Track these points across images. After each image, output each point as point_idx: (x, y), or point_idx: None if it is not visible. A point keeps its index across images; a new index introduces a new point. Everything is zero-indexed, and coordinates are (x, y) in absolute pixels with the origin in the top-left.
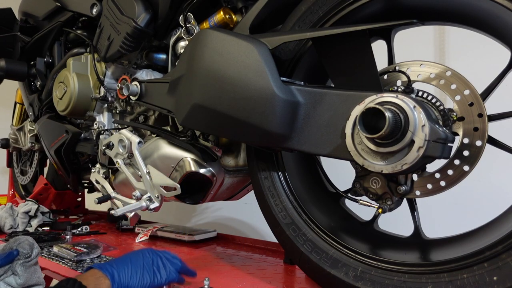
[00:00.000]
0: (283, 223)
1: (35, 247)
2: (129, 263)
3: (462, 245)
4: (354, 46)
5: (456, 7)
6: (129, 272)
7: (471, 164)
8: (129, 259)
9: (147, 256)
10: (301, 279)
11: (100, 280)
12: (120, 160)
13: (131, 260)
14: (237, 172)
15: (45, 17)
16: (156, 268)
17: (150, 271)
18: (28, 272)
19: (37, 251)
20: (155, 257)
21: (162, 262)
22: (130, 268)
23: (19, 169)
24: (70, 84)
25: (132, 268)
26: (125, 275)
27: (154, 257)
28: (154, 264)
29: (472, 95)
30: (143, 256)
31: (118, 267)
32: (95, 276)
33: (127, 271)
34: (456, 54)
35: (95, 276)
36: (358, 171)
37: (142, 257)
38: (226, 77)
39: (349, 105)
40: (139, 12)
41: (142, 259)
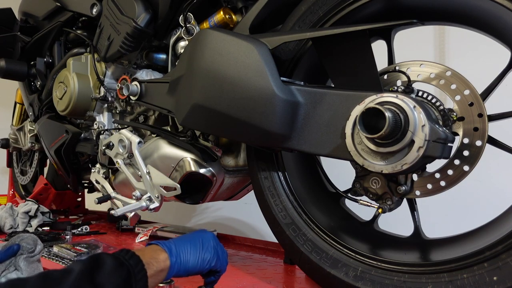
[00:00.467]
0: (283, 223)
1: (39, 244)
2: (188, 241)
3: (462, 245)
4: (354, 46)
5: (456, 7)
6: (187, 248)
7: (471, 164)
8: (189, 238)
9: (207, 237)
10: (301, 279)
11: (157, 252)
12: (120, 160)
13: (191, 239)
14: (237, 172)
15: (45, 17)
16: (215, 251)
17: (210, 252)
18: (31, 267)
19: (40, 247)
20: (215, 241)
21: (221, 249)
22: (189, 245)
23: (19, 169)
24: (70, 84)
25: (191, 246)
26: (184, 250)
27: (214, 241)
28: (213, 246)
29: (472, 95)
30: (203, 237)
31: (177, 243)
32: (152, 249)
33: (186, 247)
34: (456, 54)
35: (152, 249)
36: (358, 171)
37: (201, 237)
38: (226, 77)
39: (349, 105)
40: (139, 12)
41: (201, 239)
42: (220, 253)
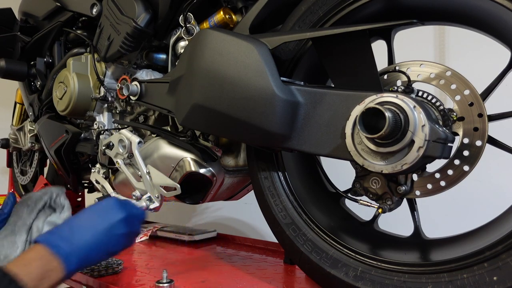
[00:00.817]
0: (283, 223)
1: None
2: (89, 228)
3: (462, 245)
4: (354, 46)
5: (456, 7)
6: (88, 244)
7: (471, 164)
8: (91, 229)
9: (110, 214)
10: (301, 279)
11: (47, 264)
12: (120, 160)
13: (92, 223)
14: (237, 172)
15: (45, 17)
16: (125, 236)
17: (118, 243)
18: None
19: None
20: (121, 211)
21: (130, 220)
22: (90, 237)
23: (19, 169)
24: (70, 84)
25: (93, 237)
26: (84, 249)
27: (119, 212)
28: (122, 233)
29: (472, 95)
30: (104, 215)
31: (74, 237)
32: (40, 258)
33: (86, 245)
34: (456, 54)
35: (41, 257)
36: (358, 171)
37: (103, 217)
38: (226, 77)
39: (349, 105)
40: (139, 12)
41: (108, 226)
42: (134, 224)
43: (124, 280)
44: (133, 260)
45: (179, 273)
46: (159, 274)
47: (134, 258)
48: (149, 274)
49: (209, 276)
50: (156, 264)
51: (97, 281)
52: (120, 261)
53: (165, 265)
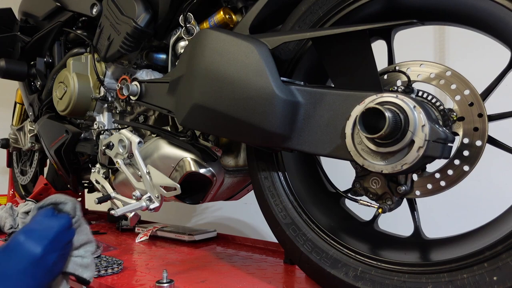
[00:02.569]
0: (283, 223)
1: (78, 207)
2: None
3: (462, 245)
4: (354, 46)
5: (456, 7)
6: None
7: (471, 164)
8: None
9: (32, 265)
10: (301, 279)
11: None
12: (120, 160)
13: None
14: (237, 172)
15: (45, 17)
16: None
17: (45, 278)
18: (77, 233)
19: (79, 213)
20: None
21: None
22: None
23: (19, 169)
24: (70, 84)
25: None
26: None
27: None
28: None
29: (472, 95)
30: (30, 270)
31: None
32: None
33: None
34: (456, 54)
35: None
36: (358, 171)
37: (29, 272)
38: (226, 77)
39: (349, 105)
40: (139, 12)
41: (31, 276)
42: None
43: (124, 280)
44: (133, 260)
45: (179, 273)
46: (159, 274)
47: (134, 258)
48: (149, 274)
49: (209, 276)
50: (156, 264)
51: (97, 281)
52: (120, 261)
53: (165, 265)
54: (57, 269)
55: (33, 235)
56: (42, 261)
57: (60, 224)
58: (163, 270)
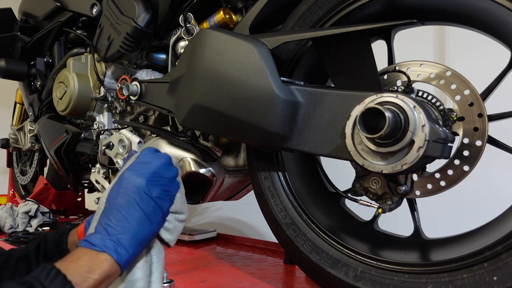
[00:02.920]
0: (283, 223)
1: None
2: (130, 216)
3: (462, 245)
4: (354, 46)
5: (456, 7)
6: (132, 228)
7: (471, 164)
8: (129, 208)
9: (138, 194)
10: (301, 279)
11: (95, 258)
12: (120, 160)
13: (130, 210)
14: (237, 172)
15: (45, 17)
16: (158, 205)
17: (160, 218)
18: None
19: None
20: (146, 187)
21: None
22: (134, 223)
23: (19, 169)
24: (70, 84)
25: (137, 222)
26: (129, 235)
27: (145, 189)
28: (151, 202)
29: (472, 95)
30: (136, 198)
31: (116, 230)
32: (87, 255)
33: (130, 229)
34: (456, 54)
35: (87, 254)
36: (358, 171)
37: (135, 200)
38: (226, 77)
39: (349, 105)
40: (139, 12)
41: (138, 204)
42: (166, 193)
43: None
44: None
45: (179, 273)
46: None
47: None
48: None
49: (209, 276)
50: None
51: None
52: None
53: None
54: (164, 205)
55: (135, 169)
56: (147, 193)
57: (161, 160)
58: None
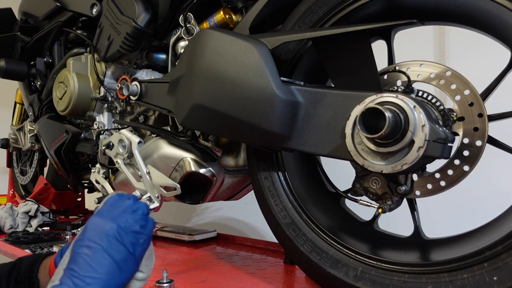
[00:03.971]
0: (283, 223)
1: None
2: (91, 267)
3: (462, 245)
4: (354, 46)
5: (456, 7)
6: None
7: (471, 164)
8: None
9: (106, 240)
10: (301, 279)
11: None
12: (120, 160)
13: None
14: (237, 172)
15: (45, 17)
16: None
17: (125, 262)
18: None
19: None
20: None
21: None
22: (99, 275)
23: (19, 169)
24: (70, 84)
25: (102, 274)
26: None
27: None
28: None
29: (472, 95)
30: (103, 245)
31: (85, 284)
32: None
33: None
34: (456, 54)
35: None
36: (358, 171)
37: (102, 247)
38: (226, 77)
39: (349, 105)
40: (139, 12)
41: (106, 251)
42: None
43: None
44: None
45: (179, 273)
46: (159, 274)
47: None
48: None
49: (209, 276)
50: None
51: None
52: None
53: (165, 265)
54: (136, 250)
55: (102, 213)
56: (117, 239)
57: (127, 199)
58: (163, 270)
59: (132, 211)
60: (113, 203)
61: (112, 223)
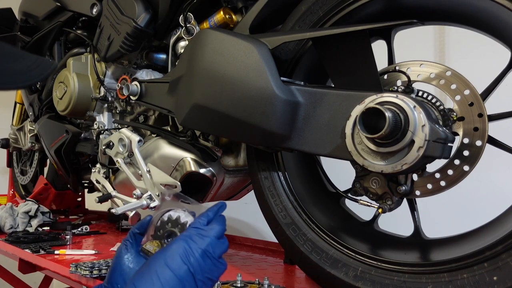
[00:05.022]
0: (283, 223)
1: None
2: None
3: (462, 245)
4: (354, 46)
5: (456, 7)
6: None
7: (471, 164)
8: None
9: (184, 272)
10: (301, 279)
11: None
12: (120, 159)
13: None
14: (237, 172)
15: (45, 17)
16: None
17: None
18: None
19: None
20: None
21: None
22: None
23: (19, 169)
24: (70, 84)
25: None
26: None
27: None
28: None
29: (472, 95)
30: (181, 275)
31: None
32: None
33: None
34: (456, 54)
35: None
36: (358, 171)
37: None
38: (226, 77)
39: (349, 105)
40: (139, 12)
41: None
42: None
43: None
44: None
45: None
46: None
47: None
48: None
49: None
50: None
51: (98, 282)
52: None
53: None
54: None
55: (189, 240)
56: (192, 273)
57: (216, 230)
58: None
59: (212, 240)
60: (201, 223)
61: (192, 256)
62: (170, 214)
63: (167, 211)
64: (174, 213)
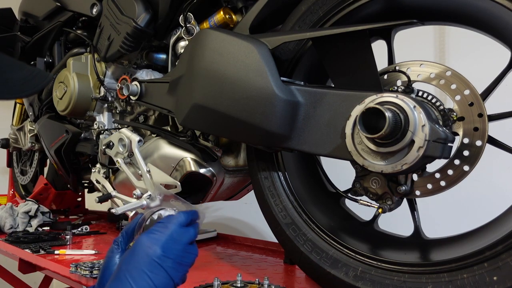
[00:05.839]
0: (283, 223)
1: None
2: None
3: (462, 245)
4: (354, 46)
5: (456, 7)
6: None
7: (471, 164)
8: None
9: (149, 264)
10: (301, 279)
11: None
12: (120, 159)
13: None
14: (237, 172)
15: (45, 17)
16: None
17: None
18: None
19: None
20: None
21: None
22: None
23: (19, 169)
24: (70, 84)
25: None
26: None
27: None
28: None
29: (472, 95)
30: (146, 269)
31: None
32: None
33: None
34: (456, 54)
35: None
36: (358, 171)
37: (144, 271)
38: (226, 77)
39: (349, 105)
40: (139, 12)
41: (148, 275)
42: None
43: None
44: None
45: None
46: None
47: None
48: None
49: (209, 276)
50: None
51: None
52: None
53: None
54: (176, 276)
55: (151, 234)
56: (159, 264)
57: (179, 219)
58: None
59: (174, 229)
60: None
61: (157, 246)
62: (160, 212)
63: (158, 210)
64: (164, 212)
